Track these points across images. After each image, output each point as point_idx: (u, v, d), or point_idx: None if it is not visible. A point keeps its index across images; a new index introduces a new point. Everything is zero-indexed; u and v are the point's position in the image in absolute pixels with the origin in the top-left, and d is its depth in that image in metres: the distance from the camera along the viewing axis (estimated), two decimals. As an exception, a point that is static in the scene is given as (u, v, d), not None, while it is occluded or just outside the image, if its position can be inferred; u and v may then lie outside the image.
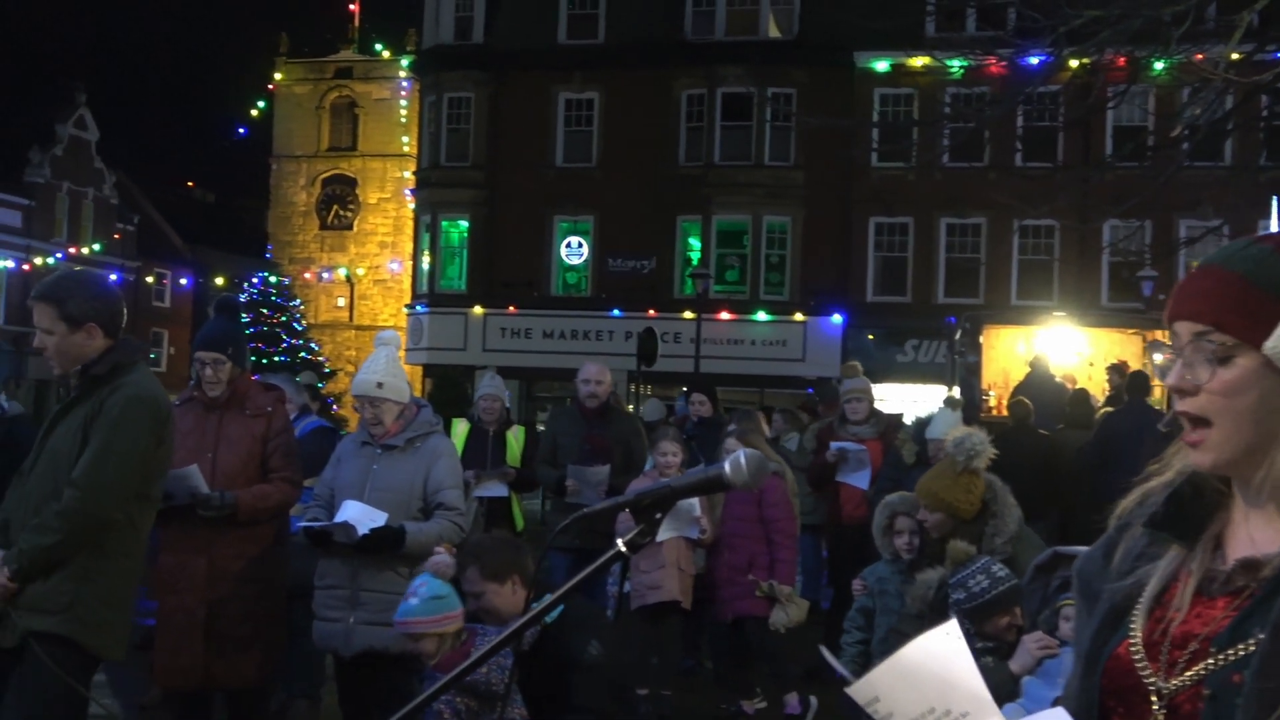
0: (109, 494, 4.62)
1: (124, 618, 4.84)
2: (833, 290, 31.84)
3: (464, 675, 2.19)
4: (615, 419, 9.53)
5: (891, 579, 6.53)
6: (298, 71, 52.23)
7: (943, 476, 6.11)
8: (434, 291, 35.25)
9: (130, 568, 4.83)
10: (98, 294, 4.83)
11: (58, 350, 4.73)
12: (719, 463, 2.11)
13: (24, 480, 4.77)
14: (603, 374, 9.49)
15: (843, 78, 31.16)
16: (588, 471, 9.00)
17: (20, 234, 47.87)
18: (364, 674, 6.09)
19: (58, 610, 4.58)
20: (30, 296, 4.84)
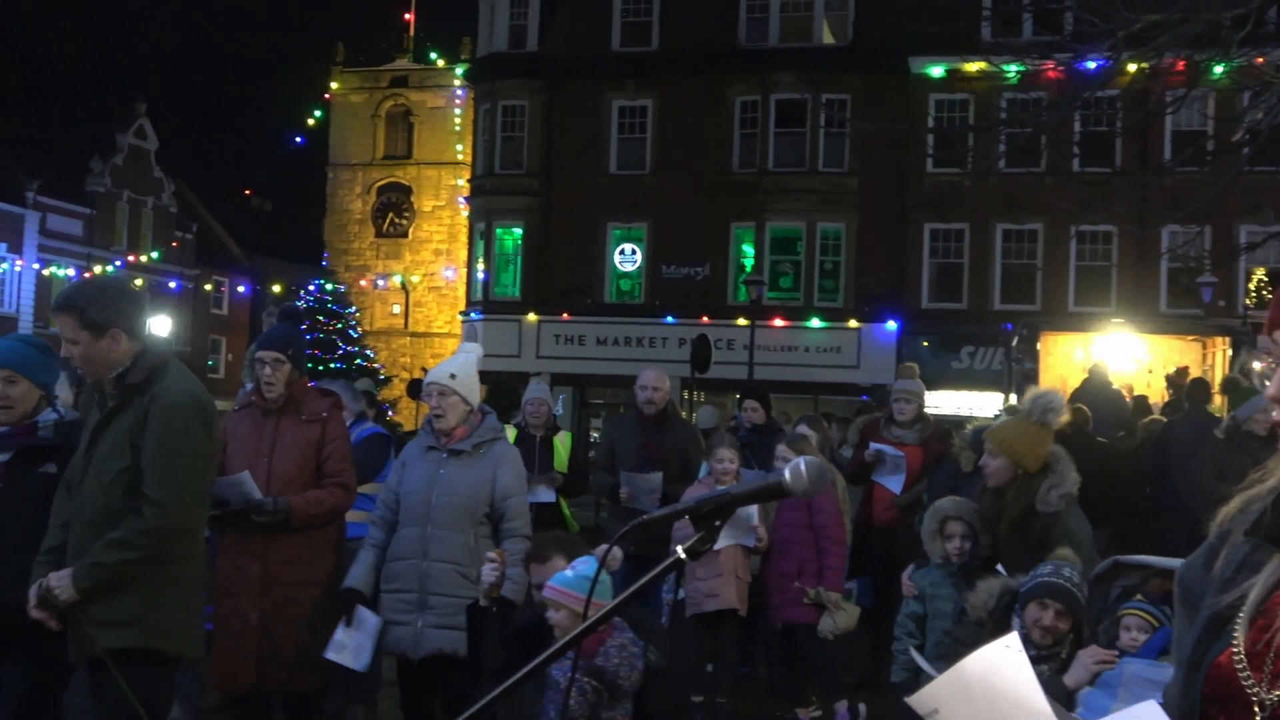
0: (189, 503, 4.65)
1: (195, 617, 4.88)
2: (887, 297, 31.68)
3: (539, 664, 2.19)
4: (673, 426, 9.54)
5: (943, 583, 6.49)
6: (354, 81, 52.67)
7: (1014, 425, 6.21)
8: (488, 299, 35.40)
9: (194, 568, 4.86)
10: (117, 298, 4.79)
11: (84, 359, 4.72)
12: (779, 470, 2.11)
13: (74, 493, 4.79)
14: (661, 381, 9.50)
15: (897, 83, 31.01)
16: (640, 479, 9.01)
17: (81, 242, 48.52)
18: (430, 678, 6.11)
19: (131, 623, 4.61)
20: (51, 307, 4.85)
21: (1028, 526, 6.01)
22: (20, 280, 45.68)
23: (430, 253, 51.37)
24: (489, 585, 5.43)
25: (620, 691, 4.74)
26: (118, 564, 4.56)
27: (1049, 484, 5.99)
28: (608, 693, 4.75)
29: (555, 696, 4.69)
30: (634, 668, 4.76)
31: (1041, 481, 6.01)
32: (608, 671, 4.72)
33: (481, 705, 2.23)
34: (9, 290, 45.55)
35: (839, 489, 8.82)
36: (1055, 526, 5.90)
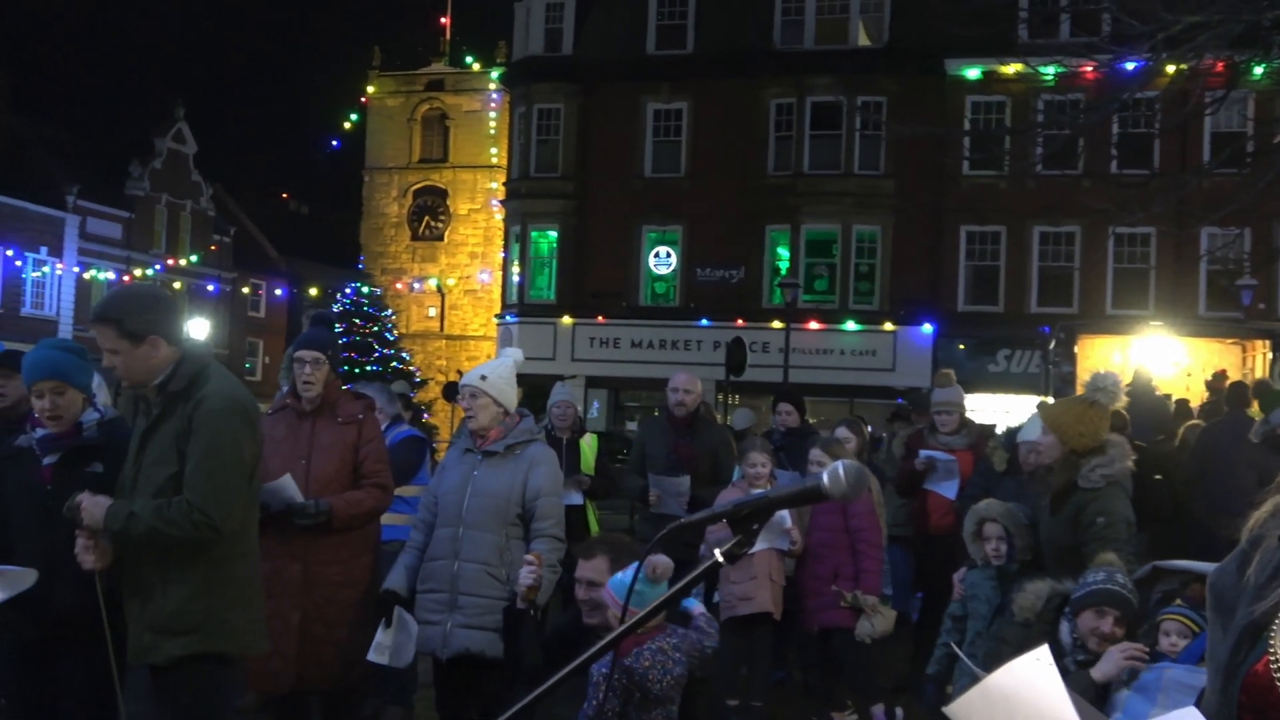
0: (232, 507, 4.67)
1: (255, 613, 4.89)
2: (923, 300, 31.58)
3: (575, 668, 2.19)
4: (704, 429, 9.52)
5: (983, 585, 6.50)
6: (390, 84, 52.93)
7: (1062, 402, 6.28)
8: (523, 301, 35.48)
9: (249, 566, 4.87)
10: (153, 305, 4.82)
11: (126, 368, 4.75)
12: (817, 474, 2.10)
13: (127, 499, 4.81)
14: (692, 383, 9.48)
15: (934, 85, 30.92)
16: (669, 482, 9.00)
17: (120, 245, 48.91)
18: (462, 678, 6.14)
19: (190, 630, 4.63)
20: (90, 319, 4.88)
21: (1066, 502, 6.03)
22: (60, 283, 46.09)
23: (466, 256, 51.55)
24: (526, 588, 5.44)
25: (650, 693, 4.74)
26: (153, 530, 4.56)
27: (1096, 462, 6.01)
28: (639, 694, 4.76)
29: (593, 692, 4.71)
30: (668, 672, 4.76)
31: (1088, 460, 6.02)
32: (636, 672, 4.73)
33: (520, 708, 2.23)
34: (49, 293, 45.97)
35: (875, 492, 8.78)
36: (1093, 503, 5.92)
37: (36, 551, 4.92)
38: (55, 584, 4.87)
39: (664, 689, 4.76)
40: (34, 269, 44.94)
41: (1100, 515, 5.88)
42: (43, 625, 4.94)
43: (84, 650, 4.85)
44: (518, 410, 6.47)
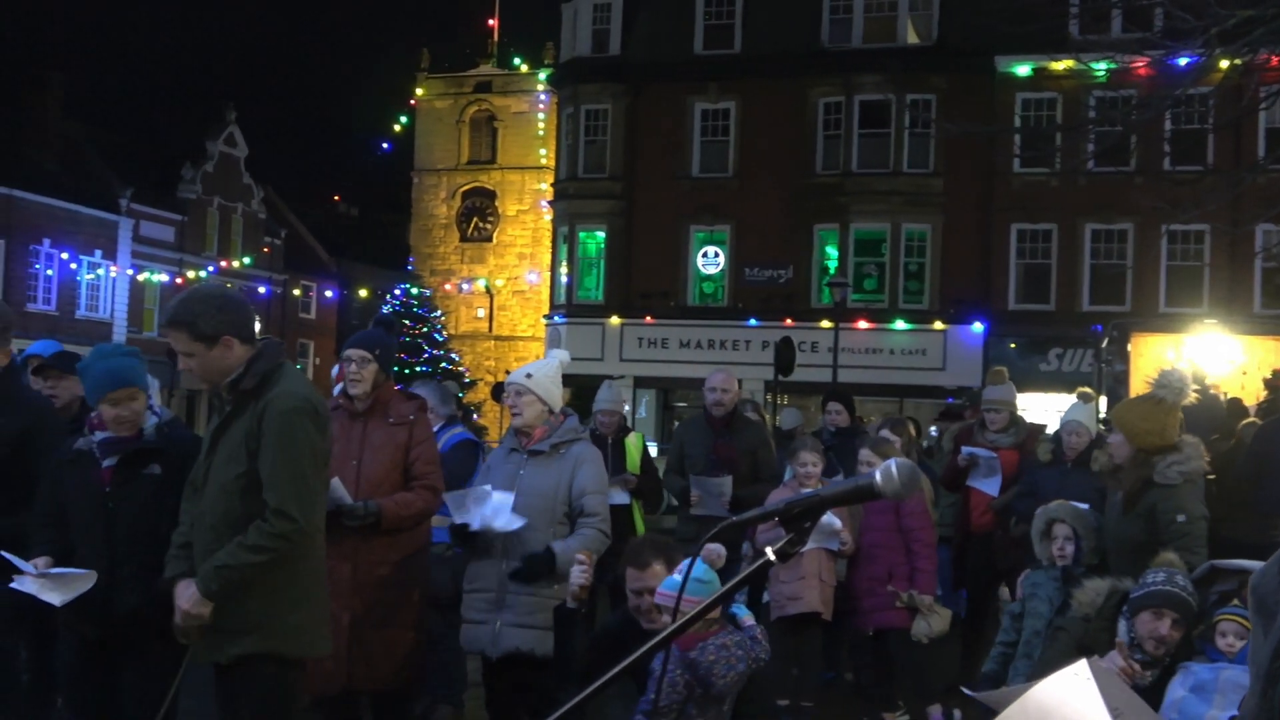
0: (311, 506, 4.69)
1: (319, 614, 4.90)
2: (973, 298, 31.37)
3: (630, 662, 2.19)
4: (743, 429, 9.50)
5: (1045, 584, 6.46)
6: (438, 87, 53.18)
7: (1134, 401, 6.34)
8: (571, 302, 35.54)
9: (314, 566, 4.88)
10: (224, 306, 4.83)
11: (201, 369, 4.78)
12: (869, 472, 2.09)
13: (197, 498, 4.85)
14: (729, 382, 9.47)
15: (983, 83, 30.72)
16: (710, 482, 8.99)
17: (173, 248, 49.40)
18: (511, 677, 6.15)
19: (253, 629, 4.66)
20: (160, 323, 4.91)
21: (1140, 499, 6.05)
22: (114, 286, 46.60)
23: (514, 257, 51.72)
24: (579, 587, 5.44)
25: (713, 689, 4.74)
26: (244, 567, 4.59)
27: (1172, 459, 6.04)
28: (700, 688, 4.75)
29: (653, 685, 4.71)
30: (731, 669, 4.76)
31: (1163, 457, 6.05)
32: (700, 666, 4.73)
33: (571, 706, 2.23)
34: (104, 296, 46.48)
35: (927, 492, 8.74)
36: (1169, 500, 5.97)
37: (97, 553, 4.98)
38: (116, 585, 4.91)
39: (726, 684, 4.76)
40: (88, 272, 45.45)
41: (1179, 513, 5.90)
42: (104, 626, 4.99)
43: (144, 651, 4.89)
44: (562, 410, 6.49)
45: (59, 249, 43.89)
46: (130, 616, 4.87)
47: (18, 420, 5.28)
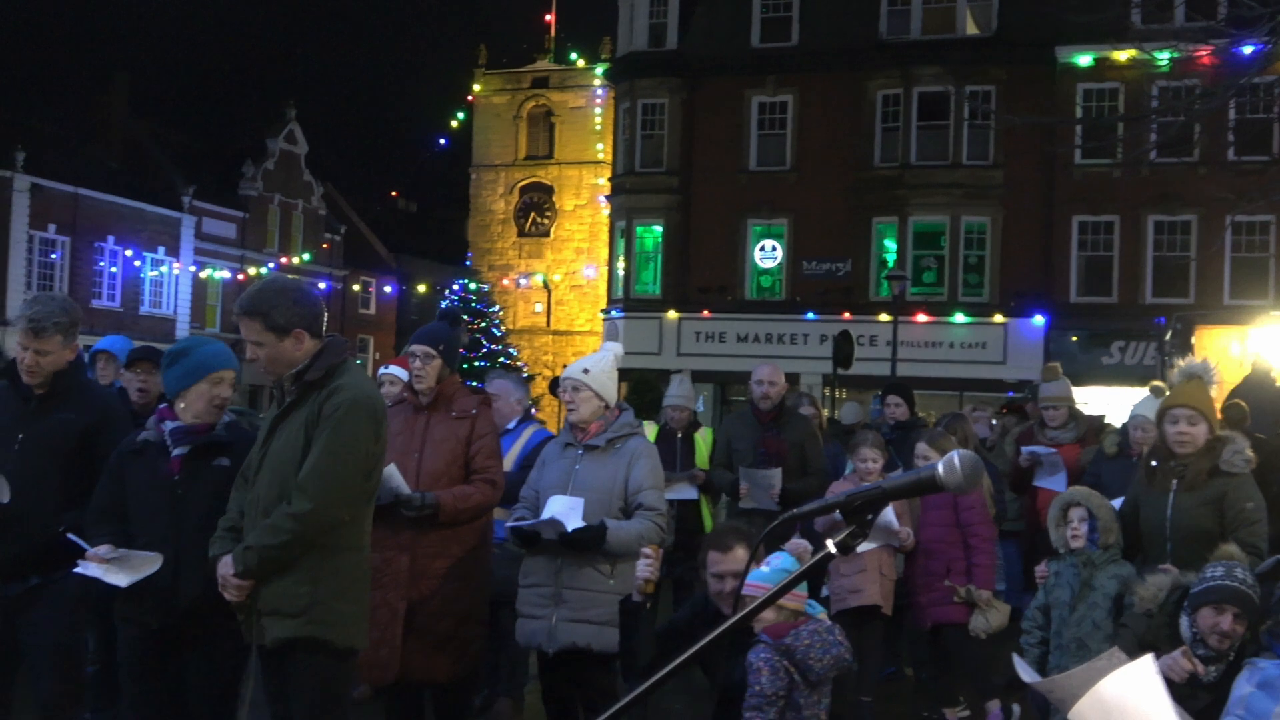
0: (336, 497, 4.74)
1: (360, 608, 4.97)
2: (1034, 291, 31.08)
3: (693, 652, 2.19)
4: (790, 422, 9.48)
5: (1065, 571, 6.40)
6: (496, 82, 53.38)
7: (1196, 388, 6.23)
8: (629, 296, 35.56)
9: (358, 560, 4.95)
10: (299, 299, 4.93)
11: (269, 359, 4.87)
12: (932, 464, 2.08)
13: (249, 486, 4.93)
14: (775, 375, 9.46)
15: (1044, 74, 30.42)
16: (760, 475, 8.97)
17: (235, 245, 49.90)
18: (568, 672, 6.17)
19: (296, 613, 4.73)
20: (235, 312, 4.98)
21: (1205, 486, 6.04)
22: (177, 283, 47.15)
23: (571, 251, 51.82)
24: (644, 580, 5.45)
25: (812, 673, 4.75)
26: (264, 548, 4.68)
27: (1233, 448, 6.06)
28: (800, 675, 4.76)
29: (749, 678, 4.71)
30: (827, 651, 4.78)
31: (1227, 444, 6.08)
32: (798, 651, 4.74)
33: (629, 700, 2.24)
34: (167, 292, 47.04)
35: (986, 487, 8.69)
36: (1240, 486, 5.99)
37: (163, 542, 5.05)
38: (181, 574, 4.99)
39: (824, 668, 4.77)
40: (152, 268, 46.01)
41: (1249, 500, 5.91)
42: (166, 615, 5.06)
43: (207, 639, 4.96)
44: (618, 404, 6.49)
45: (123, 246, 44.48)
46: (193, 606, 4.94)
47: (86, 415, 5.37)
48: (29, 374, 5.30)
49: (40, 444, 5.28)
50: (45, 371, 5.31)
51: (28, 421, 5.32)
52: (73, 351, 5.44)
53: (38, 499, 5.18)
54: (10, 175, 40.42)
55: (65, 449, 5.30)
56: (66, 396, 5.36)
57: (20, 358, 5.33)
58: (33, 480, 5.19)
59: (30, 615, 5.23)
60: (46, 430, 5.30)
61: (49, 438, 5.29)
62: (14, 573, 5.23)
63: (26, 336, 5.27)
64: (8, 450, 5.27)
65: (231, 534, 4.89)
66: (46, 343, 5.28)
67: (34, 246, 41.54)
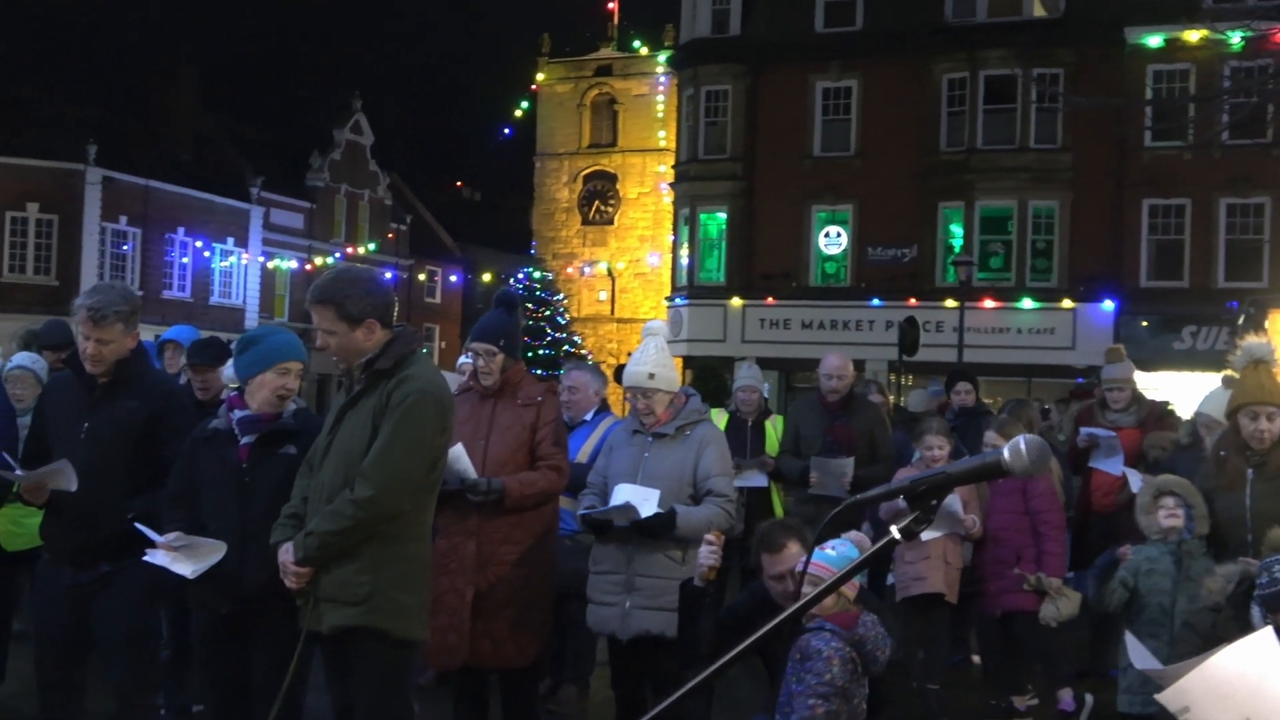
0: (399, 485, 4.76)
1: (421, 599, 4.99)
2: (1103, 276, 30.70)
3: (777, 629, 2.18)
4: (859, 409, 9.42)
5: (1161, 559, 6.27)
6: (559, 71, 53.49)
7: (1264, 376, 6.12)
8: (693, 284, 35.51)
9: (420, 551, 4.97)
10: (371, 290, 4.96)
11: (340, 348, 4.90)
12: (998, 449, 2.05)
13: (314, 473, 4.97)
14: (844, 368, 9.40)
15: (1113, 55, 29.99)
16: (832, 464, 8.92)
17: (302, 235, 50.38)
18: (638, 658, 6.18)
19: (357, 602, 4.76)
20: (308, 300, 5.02)
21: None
22: (246, 273, 47.68)
23: (635, 239, 51.87)
24: (707, 567, 5.44)
25: (876, 664, 4.74)
26: (324, 534, 4.72)
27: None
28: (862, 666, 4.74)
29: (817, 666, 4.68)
30: (886, 644, 4.76)
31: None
32: (868, 642, 4.72)
33: (693, 685, 2.23)
34: (236, 283, 47.58)
35: (1055, 473, 8.59)
36: None
37: (230, 530, 5.11)
38: (247, 561, 5.04)
39: (884, 660, 4.76)
40: (221, 259, 46.55)
41: None
42: (234, 601, 5.12)
43: (273, 626, 5.01)
44: (684, 390, 6.48)
45: (193, 237, 45.03)
46: (259, 592, 4.99)
47: (149, 403, 5.41)
48: (91, 363, 5.36)
49: (105, 433, 5.33)
50: (107, 360, 5.36)
51: (92, 411, 5.38)
52: (134, 340, 5.49)
53: (105, 488, 5.24)
54: (82, 168, 41.04)
55: (130, 437, 5.34)
56: (130, 385, 5.41)
57: (82, 347, 5.39)
58: (99, 469, 5.24)
59: (101, 603, 5.30)
60: (111, 419, 5.35)
61: (114, 426, 5.34)
62: (84, 561, 5.30)
63: (87, 325, 5.32)
64: (74, 440, 5.33)
65: (294, 521, 4.94)
66: (107, 331, 5.32)
67: (106, 238, 42.16)
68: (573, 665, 8.25)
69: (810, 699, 4.62)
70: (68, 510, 5.27)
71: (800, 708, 4.67)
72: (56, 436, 5.43)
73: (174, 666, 7.03)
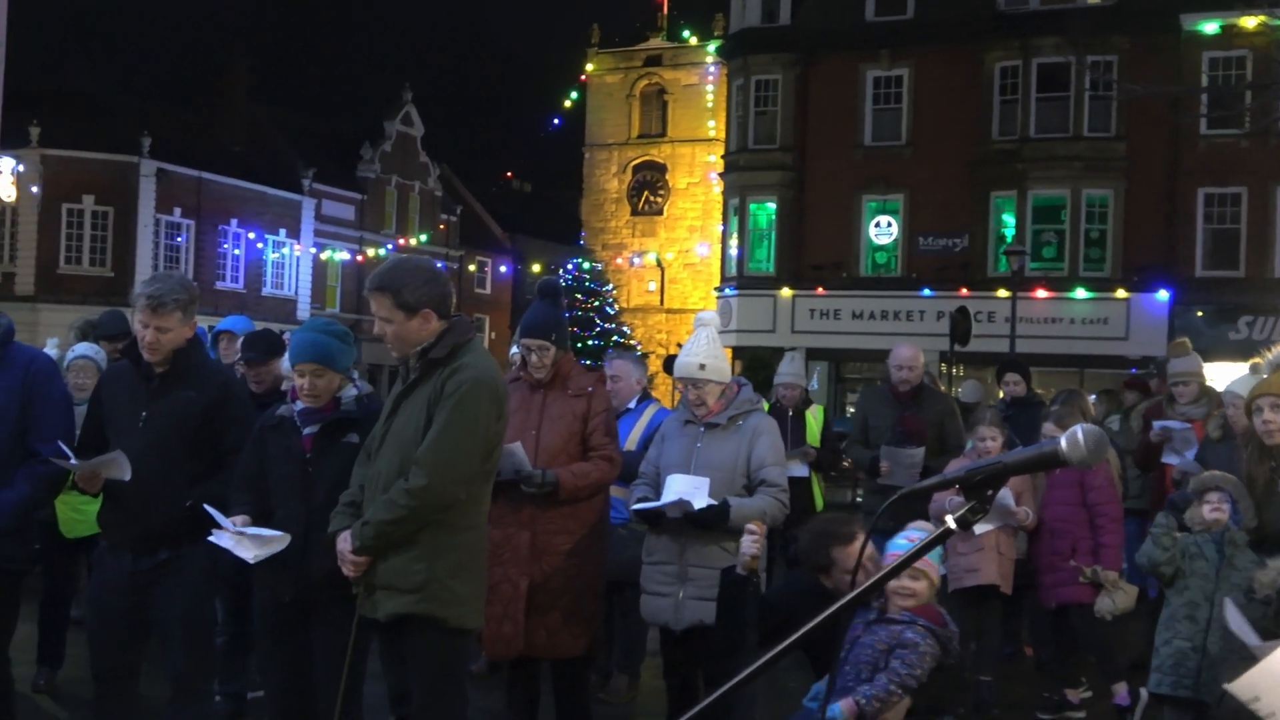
0: (453, 474, 4.77)
1: (476, 588, 5.01)
2: (1158, 265, 30.39)
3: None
4: (929, 399, 9.38)
5: (1206, 545, 6.19)
6: (608, 61, 53.48)
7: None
8: (742, 274, 35.45)
9: (475, 540, 4.99)
10: (429, 279, 4.98)
11: (396, 336, 4.92)
12: (1055, 439, 2.03)
13: (371, 461, 5.00)
14: (915, 359, 9.35)
15: (1168, 42, 29.66)
16: (901, 453, 8.87)
17: (353, 226, 50.69)
18: (691, 648, 6.18)
19: (412, 589, 4.78)
20: (366, 288, 5.04)
21: None
22: (298, 264, 48.03)
23: (684, 229, 51.81)
24: (749, 556, 5.44)
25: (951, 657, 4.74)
26: (380, 523, 4.75)
27: None
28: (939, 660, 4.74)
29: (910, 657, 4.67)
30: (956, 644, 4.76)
31: None
32: (954, 639, 4.72)
33: (745, 676, 2.23)
34: (288, 274, 47.94)
35: (1113, 465, 8.50)
36: None
37: (294, 517, 5.17)
38: (310, 549, 5.09)
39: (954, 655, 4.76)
40: (274, 250, 46.92)
41: None
42: (297, 588, 5.18)
43: (334, 614, 5.06)
44: (736, 379, 6.47)
45: (246, 229, 45.41)
46: (321, 580, 5.04)
47: (206, 392, 5.46)
48: (150, 351, 5.41)
49: (163, 422, 5.38)
50: (165, 349, 5.41)
51: (150, 400, 5.43)
52: (191, 329, 5.54)
53: (163, 476, 5.30)
54: (137, 160, 41.49)
55: (188, 426, 5.40)
56: (187, 375, 5.46)
57: (141, 335, 5.44)
58: (157, 458, 5.30)
59: (160, 589, 5.35)
60: (169, 408, 5.40)
61: (172, 416, 5.39)
62: (143, 548, 5.35)
63: (146, 313, 5.37)
64: (132, 429, 5.39)
65: (351, 509, 4.98)
66: (166, 319, 5.37)
67: (160, 230, 42.61)
68: (623, 655, 8.27)
69: (892, 684, 4.62)
70: (126, 498, 5.32)
71: (878, 688, 4.67)
72: (114, 426, 5.48)
73: (229, 653, 7.10)
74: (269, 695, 5.63)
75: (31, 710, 7.08)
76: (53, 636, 7.80)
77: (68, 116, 40.65)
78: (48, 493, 5.73)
